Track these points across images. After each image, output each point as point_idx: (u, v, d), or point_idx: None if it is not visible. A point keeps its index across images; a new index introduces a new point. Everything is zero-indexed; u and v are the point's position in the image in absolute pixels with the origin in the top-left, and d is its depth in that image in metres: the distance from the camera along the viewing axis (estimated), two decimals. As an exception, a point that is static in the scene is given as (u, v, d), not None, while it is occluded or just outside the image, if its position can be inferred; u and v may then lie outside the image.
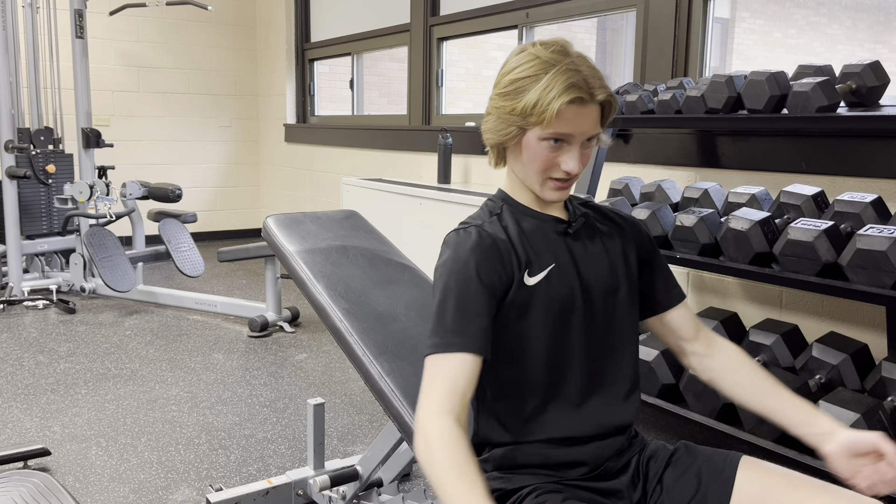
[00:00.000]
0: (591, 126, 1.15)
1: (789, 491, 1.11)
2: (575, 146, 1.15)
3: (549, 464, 1.20)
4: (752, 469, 1.17)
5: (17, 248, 4.49)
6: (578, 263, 1.22)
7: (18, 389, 3.04)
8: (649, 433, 2.67)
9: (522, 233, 1.22)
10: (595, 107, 1.14)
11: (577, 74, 1.12)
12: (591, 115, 1.14)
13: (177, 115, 6.39)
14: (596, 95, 1.13)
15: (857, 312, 2.39)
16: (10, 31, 4.42)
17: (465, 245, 1.17)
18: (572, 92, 1.10)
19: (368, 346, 1.68)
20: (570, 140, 1.15)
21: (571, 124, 1.13)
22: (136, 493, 2.22)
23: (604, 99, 1.14)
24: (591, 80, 1.13)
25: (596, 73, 1.14)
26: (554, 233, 1.23)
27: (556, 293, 1.18)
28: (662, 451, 1.26)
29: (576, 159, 1.16)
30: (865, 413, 1.79)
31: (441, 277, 1.17)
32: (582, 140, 1.15)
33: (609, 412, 1.22)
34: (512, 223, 1.23)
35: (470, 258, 1.16)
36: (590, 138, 1.16)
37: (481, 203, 1.32)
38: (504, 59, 1.21)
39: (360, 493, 2.00)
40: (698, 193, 2.53)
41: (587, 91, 1.12)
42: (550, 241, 1.22)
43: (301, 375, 3.28)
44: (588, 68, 1.14)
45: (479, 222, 1.22)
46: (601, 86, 1.14)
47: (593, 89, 1.13)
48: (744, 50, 5.31)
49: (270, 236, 2.02)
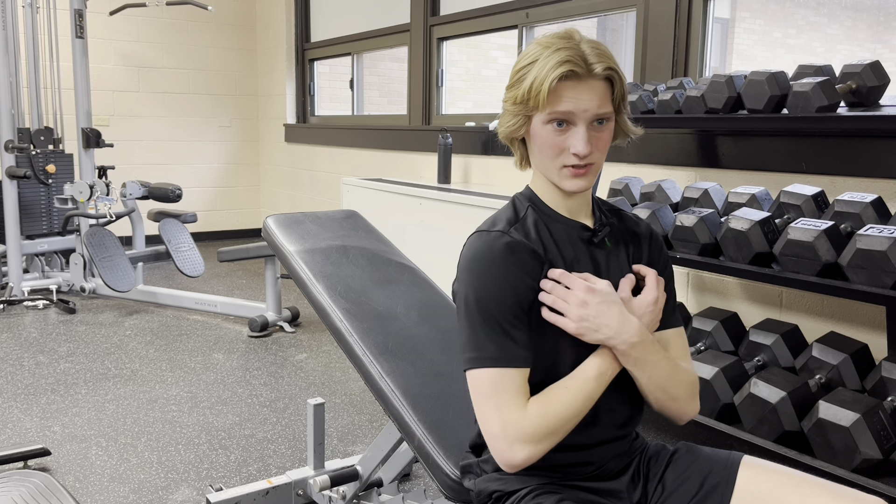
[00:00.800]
0: (595, 103, 1.09)
1: (791, 489, 1.11)
2: (581, 126, 1.10)
3: (553, 466, 1.20)
4: (754, 469, 1.17)
5: (17, 248, 4.49)
6: (601, 272, 1.19)
7: (18, 389, 3.04)
8: (649, 433, 2.67)
9: (549, 238, 1.18)
10: (597, 83, 1.09)
11: (573, 50, 1.08)
12: (594, 91, 1.09)
13: (177, 115, 6.39)
14: (593, 69, 1.08)
15: (857, 312, 2.39)
16: (10, 31, 4.42)
17: (500, 246, 1.13)
18: (565, 66, 1.06)
19: (368, 346, 1.68)
20: (574, 120, 1.10)
21: (571, 101, 1.08)
22: (136, 493, 2.22)
23: (603, 72, 1.08)
24: (589, 55, 1.08)
25: (598, 49, 1.09)
26: (579, 239, 1.20)
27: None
28: (663, 452, 1.26)
29: (583, 140, 1.10)
30: (865, 413, 1.79)
31: (471, 286, 1.13)
32: (588, 119, 1.10)
33: (621, 419, 1.22)
34: (537, 227, 1.18)
35: (504, 260, 1.12)
36: (601, 120, 1.11)
37: (480, 202, 1.31)
38: (504, 59, 1.20)
39: (360, 493, 2.00)
40: (698, 193, 2.53)
41: (582, 65, 1.07)
42: (575, 248, 1.19)
43: (301, 375, 3.28)
44: (590, 46, 1.09)
45: (505, 226, 1.17)
46: (601, 60, 1.08)
47: (591, 63, 1.08)
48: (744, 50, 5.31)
49: (270, 236, 2.02)
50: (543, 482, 1.20)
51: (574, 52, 1.07)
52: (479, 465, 1.27)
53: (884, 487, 1.74)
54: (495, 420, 1.10)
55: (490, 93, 6.73)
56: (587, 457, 1.20)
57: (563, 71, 1.06)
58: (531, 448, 1.09)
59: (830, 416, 1.83)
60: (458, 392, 1.60)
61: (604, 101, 1.10)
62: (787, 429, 1.96)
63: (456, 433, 1.49)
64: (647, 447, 1.28)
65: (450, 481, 1.40)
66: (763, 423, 1.99)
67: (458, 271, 1.17)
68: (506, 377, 1.10)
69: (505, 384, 1.10)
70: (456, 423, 1.51)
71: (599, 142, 1.12)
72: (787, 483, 1.13)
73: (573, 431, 1.15)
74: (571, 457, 1.19)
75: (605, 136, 1.13)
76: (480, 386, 1.11)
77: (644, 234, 1.27)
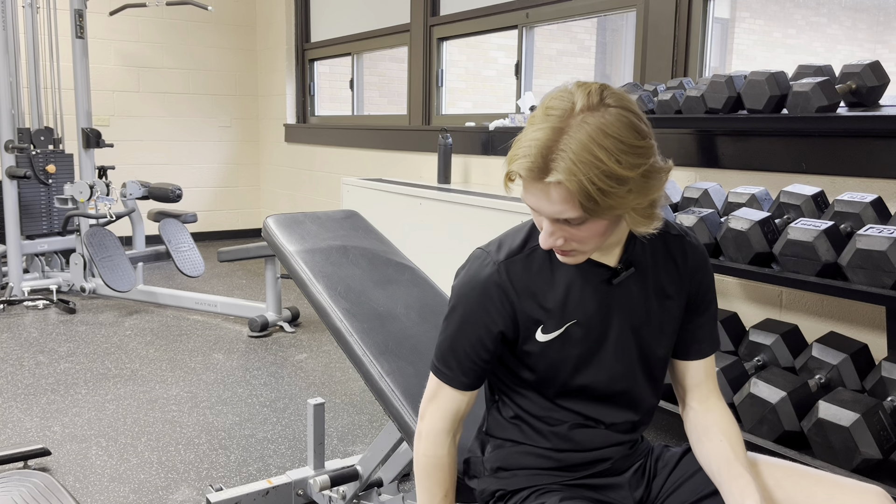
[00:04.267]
0: (552, 208, 0.96)
1: (796, 481, 1.12)
2: (547, 220, 1.00)
3: (558, 467, 1.20)
4: (757, 465, 1.18)
5: (17, 248, 4.49)
6: (613, 308, 1.12)
7: (18, 389, 3.04)
8: (652, 433, 2.67)
9: (547, 279, 1.11)
10: (553, 188, 0.94)
11: (541, 143, 0.93)
12: (547, 196, 0.95)
13: (177, 115, 6.39)
14: (547, 175, 0.93)
15: (857, 312, 2.39)
16: (10, 31, 4.42)
17: (482, 280, 1.12)
18: (517, 164, 0.95)
19: (368, 346, 1.68)
20: (541, 212, 0.99)
21: (530, 197, 0.98)
22: (136, 493, 2.22)
23: (556, 181, 0.92)
24: (557, 152, 0.92)
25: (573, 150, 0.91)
26: (594, 279, 1.11)
27: (572, 348, 1.12)
28: (669, 453, 1.27)
29: (546, 235, 1.01)
30: (865, 413, 1.79)
31: (453, 301, 1.17)
32: (551, 217, 0.98)
33: (625, 426, 1.22)
34: (542, 264, 1.11)
35: (481, 298, 1.12)
36: (568, 220, 0.97)
37: (480, 202, 1.31)
38: (504, 59, 1.18)
39: (360, 493, 2.00)
40: (698, 193, 2.53)
41: (534, 167, 0.93)
42: (582, 291, 1.11)
43: (301, 375, 3.28)
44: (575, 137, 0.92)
45: (505, 256, 1.11)
46: (569, 166, 0.91)
47: (549, 166, 0.92)
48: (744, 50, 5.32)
49: (270, 236, 2.02)
50: (547, 481, 1.20)
51: (538, 147, 0.93)
52: (482, 463, 1.28)
53: (884, 487, 1.74)
54: (422, 417, 1.22)
55: (490, 93, 6.73)
56: (594, 456, 1.20)
57: (515, 169, 0.96)
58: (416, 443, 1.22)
59: (830, 416, 1.83)
60: (458, 392, 1.60)
61: (564, 206, 0.95)
62: (786, 429, 1.96)
63: (456, 433, 1.49)
64: (653, 448, 1.29)
65: (450, 481, 1.40)
66: (763, 422, 1.99)
67: (454, 279, 1.19)
68: (443, 390, 1.19)
69: (439, 395, 1.20)
70: (456, 423, 1.51)
71: (576, 236, 1.00)
72: (792, 475, 1.14)
73: (579, 433, 1.17)
74: (577, 457, 1.20)
75: (584, 232, 0.99)
76: (429, 385, 1.22)
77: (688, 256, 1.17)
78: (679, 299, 1.18)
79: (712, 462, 1.15)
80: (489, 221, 3.09)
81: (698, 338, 1.21)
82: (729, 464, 1.12)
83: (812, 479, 1.12)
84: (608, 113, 0.93)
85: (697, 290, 1.19)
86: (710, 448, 1.16)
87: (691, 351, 1.22)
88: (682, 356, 1.23)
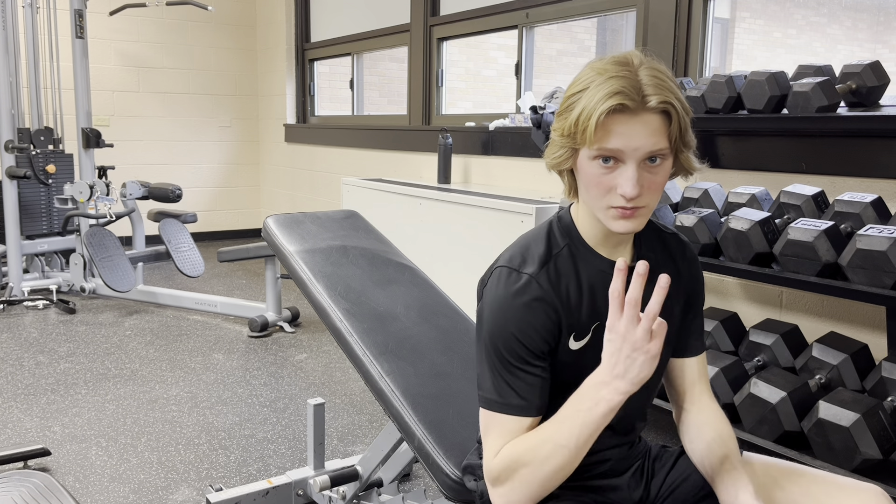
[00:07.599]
0: (649, 140, 0.98)
1: (794, 480, 1.13)
2: (630, 165, 0.99)
3: None
4: (755, 464, 1.18)
5: (17, 248, 4.49)
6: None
7: (18, 389, 3.04)
8: (650, 433, 2.67)
9: (576, 286, 1.10)
10: (651, 116, 0.98)
11: (626, 80, 0.97)
12: (646, 127, 0.98)
13: (177, 115, 6.39)
14: (648, 101, 0.97)
15: (857, 312, 2.39)
16: (10, 31, 4.42)
17: (521, 299, 1.07)
18: (615, 98, 0.96)
19: (368, 346, 1.68)
20: (623, 157, 0.99)
21: (620, 138, 0.98)
22: (136, 493, 2.22)
23: (658, 105, 0.97)
24: (645, 85, 0.97)
25: (657, 78, 0.98)
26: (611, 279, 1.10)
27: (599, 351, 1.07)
28: (667, 453, 1.27)
29: (631, 181, 0.99)
30: (865, 413, 1.79)
31: (489, 326, 1.09)
32: (639, 158, 0.99)
33: (629, 427, 1.22)
34: (568, 268, 1.10)
35: (525, 316, 1.07)
36: (654, 158, 1.00)
37: (480, 202, 1.30)
38: (504, 59, 1.18)
39: (360, 493, 2.00)
40: (698, 193, 2.53)
41: (635, 97, 0.97)
42: (603, 291, 1.10)
43: (301, 375, 3.28)
44: (649, 73, 0.98)
45: (536, 269, 1.09)
46: (659, 91, 0.97)
47: (646, 95, 0.97)
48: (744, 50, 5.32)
49: (270, 236, 2.02)
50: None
51: (628, 82, 0.97)
52: (481, 466, 1.28)
53: (884, 487, 1.74)
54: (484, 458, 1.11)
55: (490, 93, 6.73)
56: (594, 458, 1.20)
57: (613, 104, 0.96)
58: (495, 490, 1.09)
59: (830, 416, 1.83)
60: (458, 392, 1.60)
61: (659, 136, 0.99)
62: (787, 429, 1.96)
63: (456, 433, 1.49)
64: (651, 448, 1.29)
65: (450, 481, 1.40)
66: (763, 423, 1.99)
67: (481, 305, 1.13)
68: (497, 420, 1.10)
69: (495, 426, 1.10)
70: (456, 423, 1.51)
71: (652, 182, 1.01)
72: (790, 474, 1.14)
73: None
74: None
75: (658, 177, 1.02)
76: (482, 422, 1.13)
77: (685, 258, 1.21)
78: (679, 297, 1.20)
79: (705, 460, 1.15)
80: (489, 222, 3.08)
81: (694, 334, 1.23)
82: (722, 461, 1.13)
83: (811, 478, 1.13)
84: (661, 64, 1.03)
85: (694, 287, 1.23)
86: (704, 447, 1.17)
87: (689, 347, 1.23)
88: (680, 353, 1.23)
